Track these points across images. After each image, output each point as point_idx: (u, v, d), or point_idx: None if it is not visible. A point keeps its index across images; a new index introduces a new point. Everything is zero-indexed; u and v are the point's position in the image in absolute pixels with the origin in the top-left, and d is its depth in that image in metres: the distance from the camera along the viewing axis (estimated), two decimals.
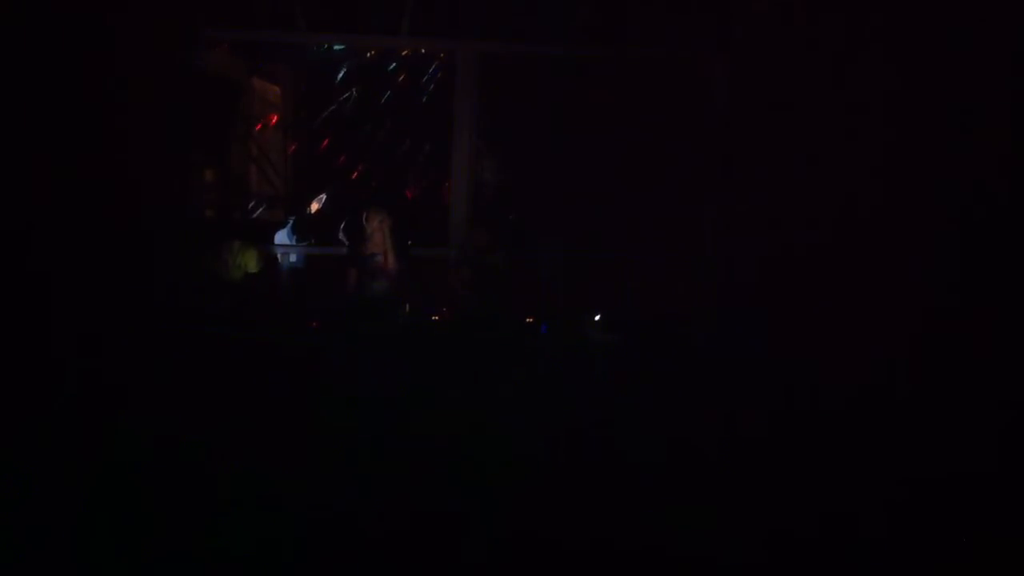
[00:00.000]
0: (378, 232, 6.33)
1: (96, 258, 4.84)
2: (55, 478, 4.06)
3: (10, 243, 3.83)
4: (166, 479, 3.94)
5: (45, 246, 4.14)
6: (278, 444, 4.25)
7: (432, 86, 9.11)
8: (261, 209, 9.03)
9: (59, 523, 4.03)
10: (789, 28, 6.13)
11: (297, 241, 7.66)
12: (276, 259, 7.05)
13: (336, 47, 8.29)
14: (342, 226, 8.53)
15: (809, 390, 5.71)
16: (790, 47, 6.16)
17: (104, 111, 4.87)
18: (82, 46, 4.52)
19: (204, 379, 5.26)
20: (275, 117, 9.34)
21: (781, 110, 6.25)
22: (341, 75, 9.16)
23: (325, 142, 9.49)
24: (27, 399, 3.87)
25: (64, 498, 4.11)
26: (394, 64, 9.16)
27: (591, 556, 3.62)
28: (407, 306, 6.23)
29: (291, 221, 7.90)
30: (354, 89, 9.30)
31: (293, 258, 7.50)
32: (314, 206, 9.16)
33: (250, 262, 6.18)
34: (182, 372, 5.40)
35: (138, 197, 5.56)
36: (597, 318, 6.23)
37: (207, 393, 4.95)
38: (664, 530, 3.80)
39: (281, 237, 7.59)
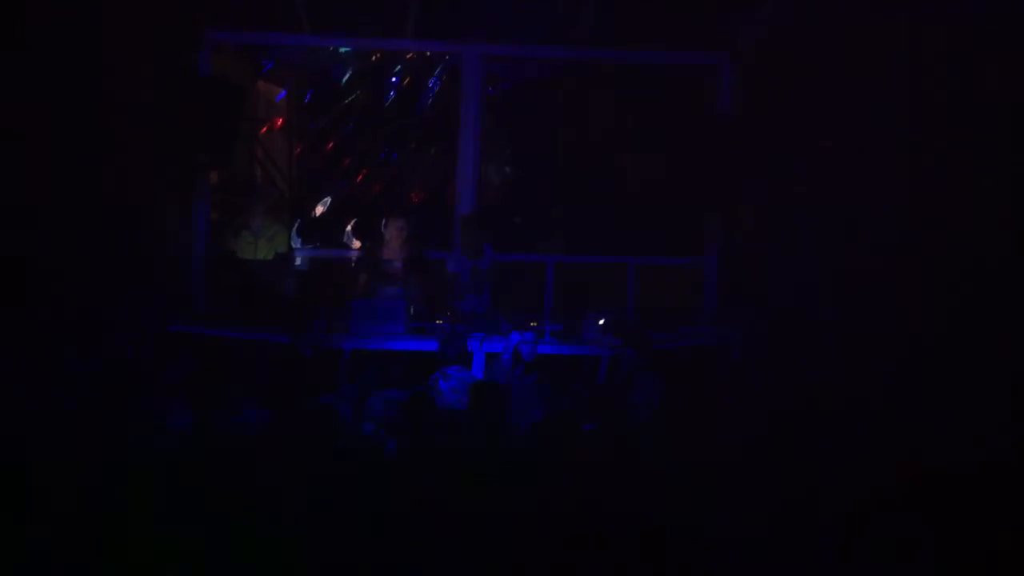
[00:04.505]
0: (395, 239, 6.37)
1: (100, 258, 4.85)
2: (56, 479, 4.07)
3: (14, 243, 3.84)
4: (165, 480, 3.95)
5: (48, 247, 4.15)
6: (279, 444, 4.24)
7: (437, 88, 9.11)
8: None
9: (59, 524, 4.04)
10: (794, 28, 6.14)
11: (302, 243, 7.68)
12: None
13: (341, 50, 8.29)
14: (348, 228, 8.54)
15: (811, 391, 5.70)
16: (796, 48, 6.16)
17: (109, 113, 4.88)
18: (86, 49, 4.53)
19: (208, 380, 5.27)
20: (280, 120, 9.35)
21: (787, 112, 6.25)
22: (346, 78, 9.17)
23: (330, 145, 9.49)
24: (29, 399, 3.88)
25: (65, 499, 4.11)
26: (399, 67, 9.16)
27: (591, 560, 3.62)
28: (412, 309, 6.24)
29: (296, 223, 7.92)
30: (359, 91, 9.30)
31: (298, 260, 7.51)
32: (319, 209, 9.17)
33: (280, 239, 6.20)
34: (187, 373, 5.42)
35: (143, 198, 5.57)
36: (601, 321, 6.21)
37: (210, 394, 4.96)
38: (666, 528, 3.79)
39: None
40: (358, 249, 7.43)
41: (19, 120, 3.83)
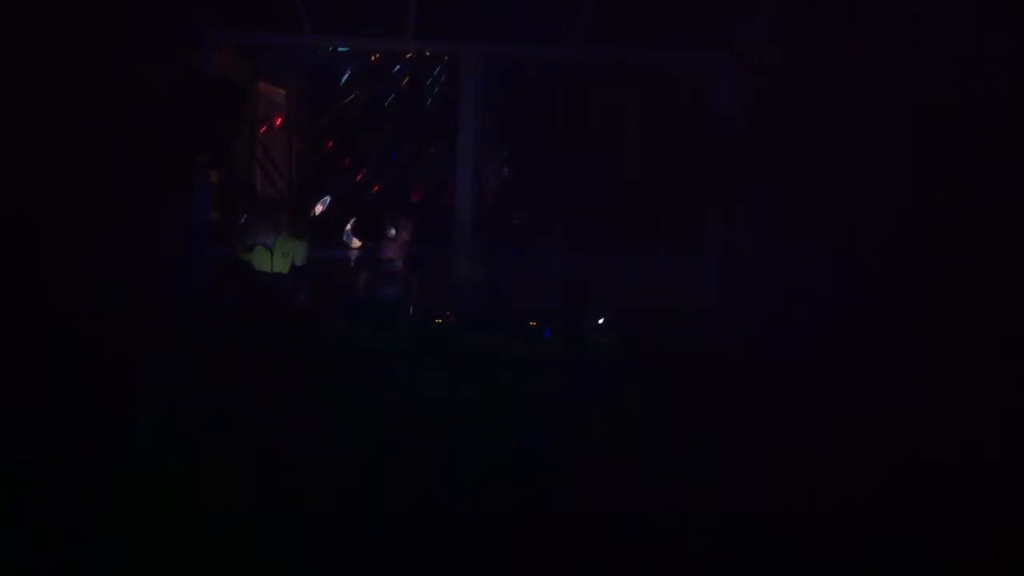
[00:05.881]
0: (400, 239, 6.39)
1: (102, 259, 4.85)
2: (55, 478, 4.07)
3: (15, 244, 3.83)
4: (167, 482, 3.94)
5: (49, 248, 4.14)
6: (281, 447, 4.23)
7: (436, 89, 9.11)
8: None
9: (58, 524, 4.03)
10: (793, 29, 6.13)
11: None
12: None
13: (340, 49, 8.29)
14: (348, 228, 8.53)
15: (810, 389, 5.70)
16: (795, 49, 6.16)
17: (108, 112, 4.88)
18: (86, 48, 4.53)
19: (209, 380, 5.27)
20: (279, 119, 9.34)
21: (786, 113, 6.24)
22: (345, 78, 9.17)
23: (329, 144, 9.49)
24: (31, 400, 3.88)
25: (63, 498, 4.11)
26: (398, 67, 9.16)
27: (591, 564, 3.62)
28: (412, 309, 6.25)
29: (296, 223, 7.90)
30: (358, 91, 9.30)
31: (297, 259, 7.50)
32: (318, 208, 9.16)
33: (297, 253, 6.21)
34: (187, 373, 5.41)
35: (143, 197, 5.57)
36: (600, 321, 6.22)
37: (212, 395, 4.95)
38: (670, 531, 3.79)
39: None
40: (358, 249, 7.43)
41: (17, 119, 3.82)
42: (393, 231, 6.41)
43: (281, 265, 6.19)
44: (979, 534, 3.84)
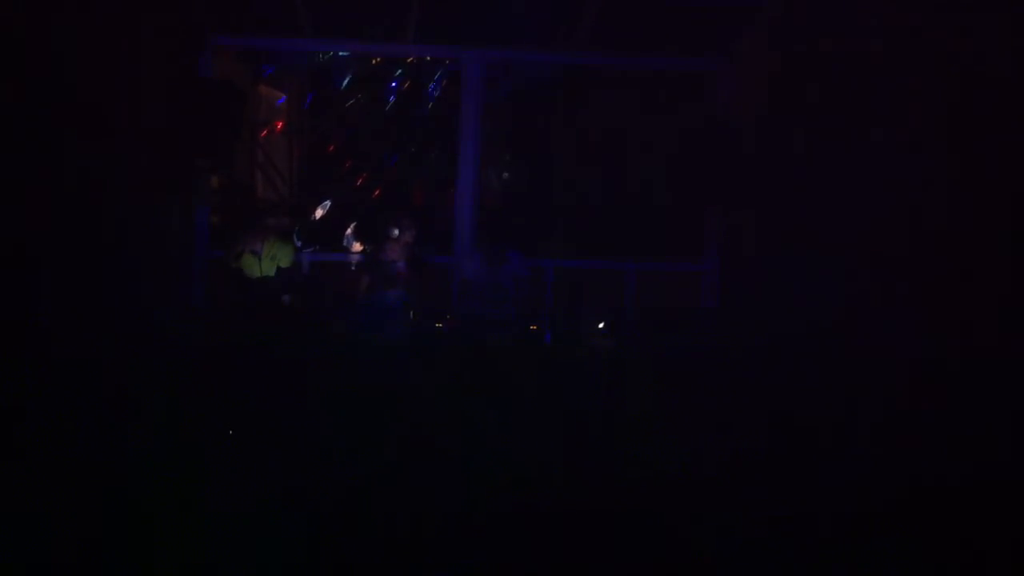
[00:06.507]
0: (404, 241, 6.40)
1: (102, 261, 4.86)
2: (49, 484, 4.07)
3: (10, 247, 3.84)
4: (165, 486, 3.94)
5: (49, 249, 4.15)
6: (282, 452, 4.24)
7: (438, 93, 9.11)
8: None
9: (54, 527, 4.03)
10: (794, 34, 6.14)
11: (302, 247, 7.67)
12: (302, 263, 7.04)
13: (342, 54, 8.29)
14: (348, 232, 8.52)
15: (812, 391, 5.69)
16: (796, 54, 6.17)
17: (110, 116, 4.89)
18: (89, 52, 4.54)
19: (208, 386, 5.27)
20: (280, 123, 9.35)
21: (787, 118, 6.25)
22: (347, 82, 9.17)
23: (330, 148, 9.50)
24: (30, 403, 3.88)
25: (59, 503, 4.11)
26: (400, 71, 9.16)
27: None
28: (412, 313, 6.24)
29: (296, 227, 7.91)
30: (360, 96, 9.30)
31: (304, 267, 7.51)
32: (319, 212, 9.16)
33: (283, 256, 6.22)
34: (185, 379, 5.41)
35: (144, 200, 5.58)
36: (601, 325, 6.22)
37: (212, 400, 4.95)
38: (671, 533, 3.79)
39: None
40: (359, 252, 7.44)
41: (20, 121, 3.83)
42: (396, 232, 6.41)
43: (269, 269, 6.20)
44: (980, 537, 3.84)
